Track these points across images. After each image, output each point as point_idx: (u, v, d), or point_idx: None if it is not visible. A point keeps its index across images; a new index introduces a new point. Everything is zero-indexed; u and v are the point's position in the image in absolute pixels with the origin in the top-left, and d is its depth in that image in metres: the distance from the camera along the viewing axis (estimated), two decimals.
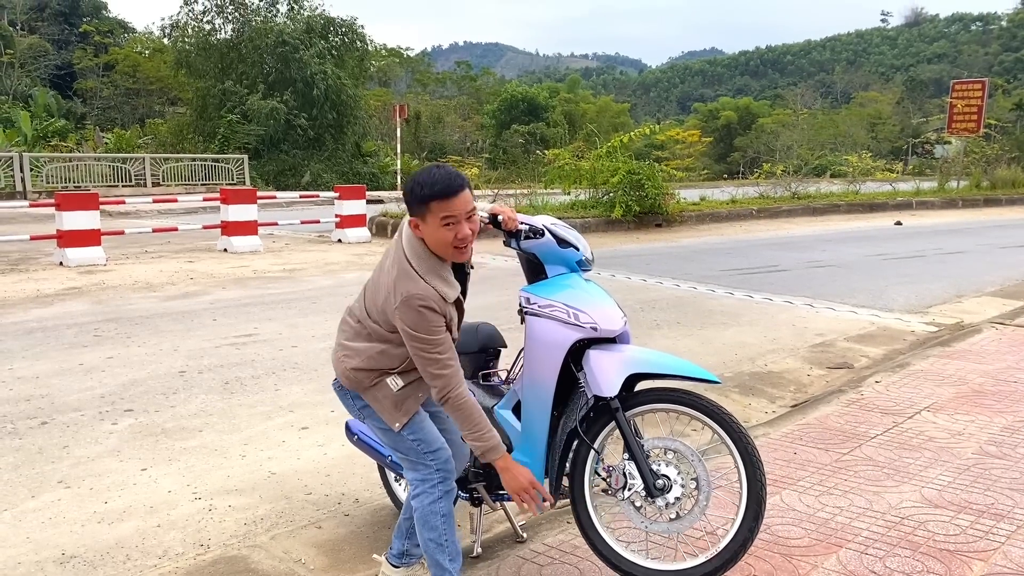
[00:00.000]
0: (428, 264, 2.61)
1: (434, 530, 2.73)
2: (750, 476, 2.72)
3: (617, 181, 16.11)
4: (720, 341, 7.10)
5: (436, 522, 2.73)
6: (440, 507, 2.73)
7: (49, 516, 3.70)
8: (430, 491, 2.73)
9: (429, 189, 2.53)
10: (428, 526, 2.74)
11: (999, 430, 4.64)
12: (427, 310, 2.55)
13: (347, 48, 34.46)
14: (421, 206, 2.56)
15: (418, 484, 2.75)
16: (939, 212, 21.55)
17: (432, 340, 2.56)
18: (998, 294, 9.44)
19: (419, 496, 2.75)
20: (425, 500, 2.73)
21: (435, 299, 2.56)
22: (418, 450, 2.73)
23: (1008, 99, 51.76)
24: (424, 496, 2.74)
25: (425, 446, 2.73)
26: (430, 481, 2.74)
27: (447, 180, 2.54)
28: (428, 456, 2.73)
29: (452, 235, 2.56)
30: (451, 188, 2.53)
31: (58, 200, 11.29)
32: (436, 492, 2.73)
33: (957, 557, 3.18)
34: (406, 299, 2.55)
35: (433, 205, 2.53)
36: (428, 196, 2.53)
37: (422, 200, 2.55)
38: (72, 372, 5.92)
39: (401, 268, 2.60)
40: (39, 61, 44.45)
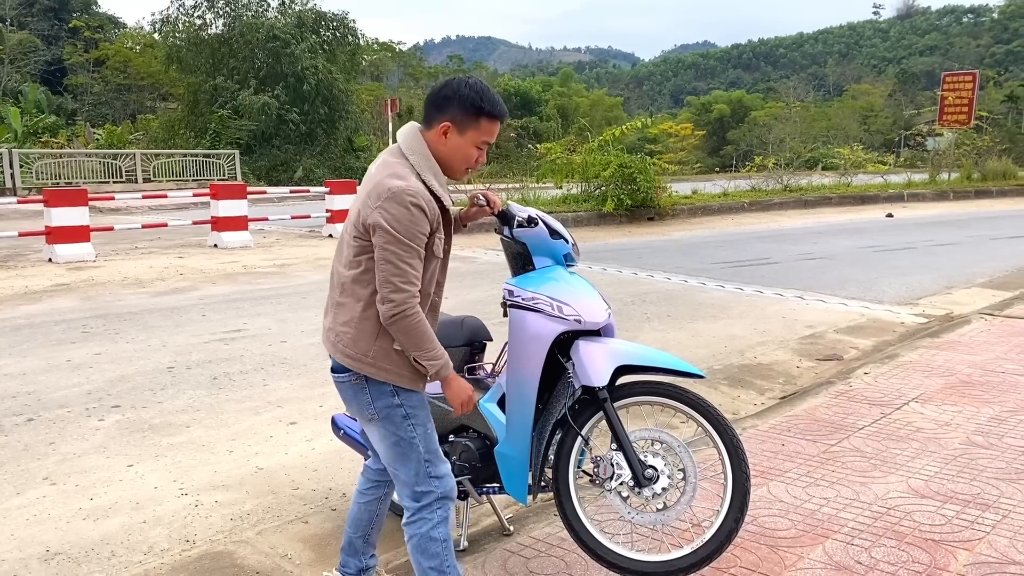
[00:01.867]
0: (429, 165, 2.43)
1: (435, 557, 2.54)
2: (735, 468, 2.72)
3: (609, 175, 16.10)
4: (710, 334, 7.11)
5: (436, 549, 2.54)
6: (439, 532, 2.55)
7: (34, 513, 3.68)
8: (428, 516, 2.54)
9: (490, 106, 2.43)
10: (428, 554, 2.54)
11: (986, 420, 4.65)
12: (415, 207, 2.31)
13: (339, 43, 34.33)
14: (470, 117, 2.42)
15: (416, 510, 2.55)
16: (930, 204, 21.60)
17: (410, 246, 2.32)
18: (988, 285, 9.47)
19: (415, 523, 2.55)
20: (423, 527, 2.54)
21: (427, 198, 2.35)
22: (427, 471, 2.53)
23: (999, 91, 51.82)
24: (421, 523, 2.54)
25: (435, 468, 2.55)
26: (430, 507, 2.54)
27: (500, 103, 2.46)
28: (435, 481, 2.55)
29: (475, 157, 2.49)
30: (505, 114, 2.48)
31: (46, 196, 11.23)
32: (435, 517, 2.54)
33: (942, 547, 3.19)
34: (394, 193, 2.31)
35: (483, 122, 2.44)
36: (486, 112, 2.43)
37: (477, 112, 2.42)
38: (59, 368, 5.89)
39: (392, 167, 2.40)
40: (29, 57, 44.15)
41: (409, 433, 2.53)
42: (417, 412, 2.54)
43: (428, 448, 2.55)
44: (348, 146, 33.47)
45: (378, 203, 2.34)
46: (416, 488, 2.55)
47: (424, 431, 2.56)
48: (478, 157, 2.51)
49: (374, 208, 2.34)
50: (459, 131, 2.44)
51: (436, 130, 2.45)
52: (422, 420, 2.55)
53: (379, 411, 2.52)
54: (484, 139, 2.47)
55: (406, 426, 2.53)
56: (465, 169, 2.52)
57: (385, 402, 2.51)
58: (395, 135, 2.59)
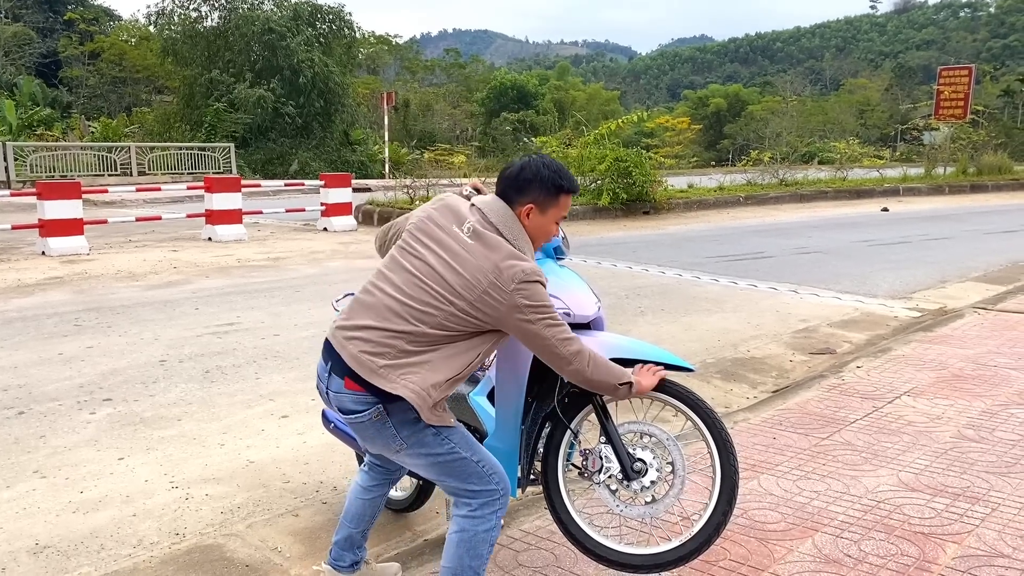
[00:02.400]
0: (529, 248, 2.53)
1: (478, 558, 2.52)
2: (723, 461, 2.71)
3: (604, 169, 16.08)
4: (704, 327, 7.11)
5: (483, 551, 2.52)
6: (493, 535, 2.54)
7: (24, 506, 3.67)
8: (489, 516, 2.51)
9: (568, 183, 2.58)
10: (474, 553, 2.51)
11: (977, 414, 4.66)
12: (541, 284, 2.43)
13: (335, 36, 34.24)
14: (551, 196, 2.55)
15: (478, 507, 2.51)
16: (926, 198, 21.62)
17: (550, 308, 2.44)
18: (982, 279, 9.48)
19: (474, 519, 2.51)
20: (481, 525, 2.51)
21: (543, 276, 2.47)
22: (483, 472, 2.51)
23: (996, 85, 51.91)
24: (481, 521, 2.51)
25: (489, 467, 2.53)
26: (491, 506, 2.51)
27: (572, 178, 2.61)
28: (494, 477, 2.52)
29: (554, 230, 2.63)
30: (578, 187, 2.64)
31: (40, 189, 11.20)
32: (494, 519, 2.53)
33: (931, 540, 3.20)
34: (527, 275, 2.39)
35: (563, 198, 2.58)
36: (565, 188, 2.57)
37: (557, 190, 2.56)
38: (51, 362, 5.88)
39: (506, 250, 2.43)
40: (24, 49, 44.01)
41: (447, 447, 2.49)
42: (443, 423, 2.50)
43: (472, 449, 2.53)
44: (344, 139, 33.41)
45: (514, 286, 2.38)
46: (480, 489, 2.52)
47: (460, 435, 2.53)
48: (556, 230, 2.66)
49: (511, 293, 2.38)
50: (541, 211, 2.56)
51: (520, 211, 2.55)
52: (453, 428, 2.52)
53: (406, 440, 2.47)
54: (562, 214, 2.62)
55: (440, 442, 2.48)
56: (543, 243, 2.66)
57: (410, 429, 2.45)
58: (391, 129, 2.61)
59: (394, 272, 2.51)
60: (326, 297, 7.59)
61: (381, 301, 2.47)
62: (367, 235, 13.67)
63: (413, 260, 2.48)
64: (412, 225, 2.58)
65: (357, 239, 13.20)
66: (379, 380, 2.39)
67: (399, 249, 2.56)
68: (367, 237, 13.33)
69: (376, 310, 2.47)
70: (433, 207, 2.59)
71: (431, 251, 2.47)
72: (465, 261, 2.42)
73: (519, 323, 2.41)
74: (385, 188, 18.53)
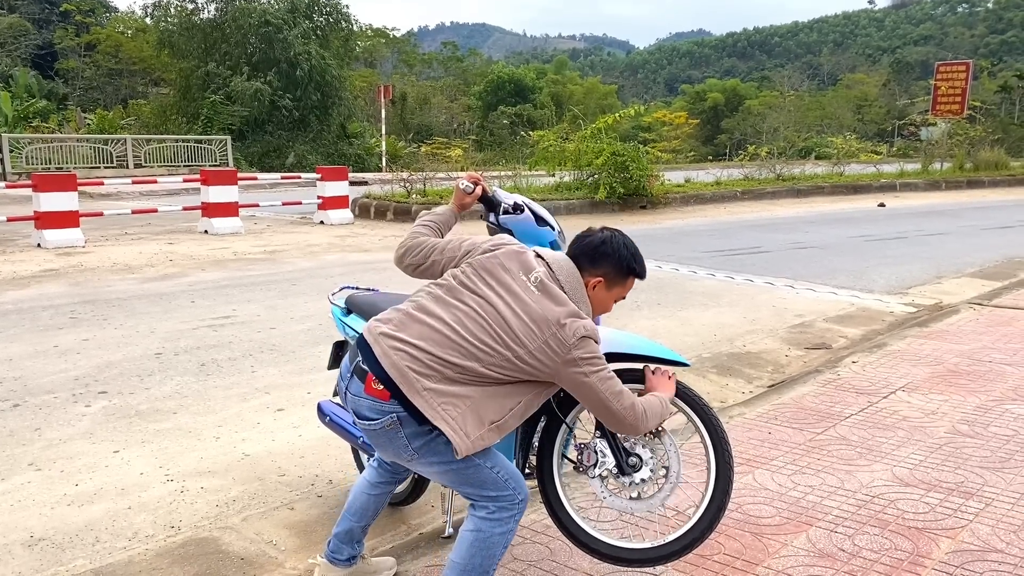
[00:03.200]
0: (589, 313, 2.56)
1: (491, 559, 2.51)
2: (718, 456, 2.72)
3: (602, 163, 16.06)
4: (700, 322, 7.11)
5: (497, 552, 2.51)
6: (508, 538, 2.54)
7: (18, 499, 3.67)
8: (507, 520, 2.51)
9: (641, 268, 2.63)
10: (487, 553, 2.50)
11: (972, 409, 4.67)
12: (596, 343, 2.46)
13: (332, 28, 34.13)
14: (622, 276, 2.61)
15: (496, 510, 2.51)
16: (922, 194, 21.63)
17: (604, 361, 2.47)
18: (977, 275, 9.50)
19: (492, 521, 2.50)
20: (498, 528, 2.50)
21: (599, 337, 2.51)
22: (499, 479, 2.50)
23: (993, 81, 51.87)
24: (498, 524, 2.50)
25: (505, 473, 2.51)
26: (508, 510, 2.51)
27: (645, 265, 2.67)
28: (510, 483, 2.51)
29: (611, 307, 2.67)
30: (646, 274, 2.67)
31: (35, 181, 11.17)
32: (512, 523, 2.52)
33: (925, 535, 3.20)
34: (587, 332, 2.42)
35: (630, 281, 2.64)
36: (635, 272, 2.62)
37: (628, 272, 2.61)
38: (46, 354, 5.87)
39: (571, 307, 2.46)
40: (19, 41, 43.78)
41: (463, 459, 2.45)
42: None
43: (486, 457, 2.49)
44: (341, 132, 33.33)
45: (574, 340, 2.39)
46: (501, 494, 2.51)
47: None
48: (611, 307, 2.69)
49: (571, 347, 2.38)
50: (607, 286, 2.61)
51: (588, 281, 2.58)
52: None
53: (418, 450, 2.45)
54: (623, 294, 2.67)
55: (453, 451, 2.42)
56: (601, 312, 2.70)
57: (423, 440, 2.42)
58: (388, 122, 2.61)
59: (452, 303, 2.47)
60: (322, 290, 7.58)
61: (435, 327, 2.43)
62: (364, 228, 13.65)
63: (475, 298, 2.46)
64: (476, 262, 2.54)
65: (354, 232, 13.18)
66: (420, 402, 2.36)
67: (458, 281, 2.52)
68: (364, 230, 13.31)
69: (429, 334, 2.42)
70: (498, 249, 2.56)
71: (495, 292, 2.45)
72: (530, 309, 2.41)
73: (574, 375, 2.42)
74: (382, 181, 18.48)
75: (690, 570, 2.96)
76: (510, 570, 2.98)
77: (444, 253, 2.67)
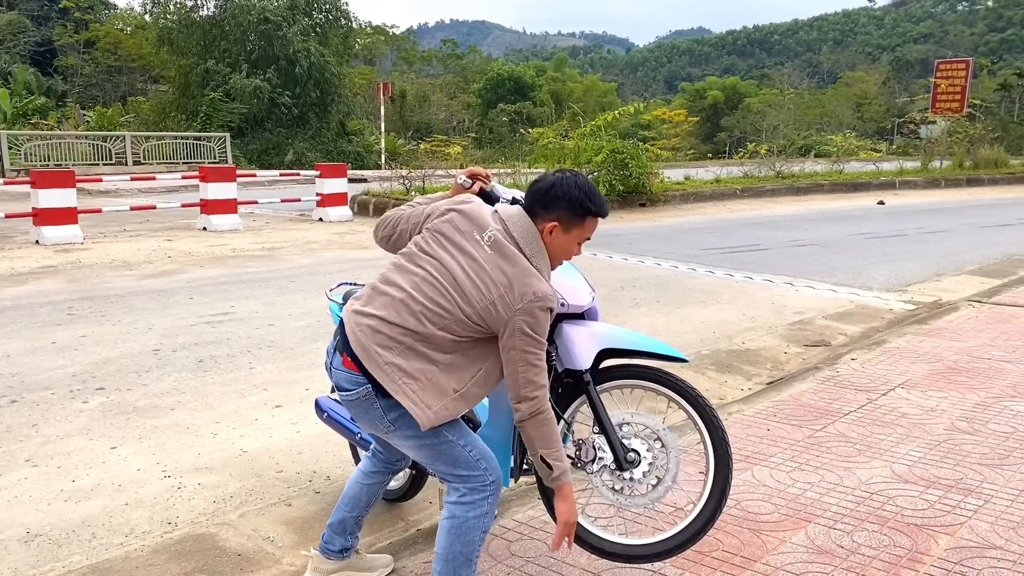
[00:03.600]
0: (547, 265, 2.50)
1: (470, 544, 2.50)
2: (717, 452, 2.71)
3: (601, 160, 16.04)
4: (699, 319, 7.10)
5: (475, 537, 2.50)
6: (485, 523, 2.52)
7: (15, 495, 3.65)
8: (480, 503, 2.49)
9: (596, 206, 2.51)
10: (465, 539, 2.49)
11: (971, 406, 4.67)
12: (547, 312, 2.40)
13: (331, 25, 34.11)
14: (577, 217, 2.50)
15: (467, 492, 2.50)
16: (922, 192, 21.61)
17: (543, 344, 2.40)
18: (977, 273, 9.49)
19: (464, 505, 2.50)
20: (471, 512, 2.49)
21: (553, 302, 2.43)
22: (471, 458, 2.49)
23: (993, 79, 51.84)
24: (471, 507, 2.49)
25: (477, 453, 2.51)
26: (480, 492, 2.50)
27: (605, 203, 2.55)
28: (482, 463, 2.50)
29: (576, 251, 2.57)
30: (607, 212, 2.56)
31: (34, 178, 11.14)
32: (485, 505, 2.50)
33: (924, 531, 3.20)
34: (539, 299, 2.37)
35: (588, 221, 2.52)
36: (592, 211, 2.51)
37: (584, 212, 2.50)
38: (44, 351, 5.86)
39: (522, 265, 2.41)
40: (18, 38, 43.71)
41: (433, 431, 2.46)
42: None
43: (462, 435, 2.50)
44: (340, 130, 33.31)
45: (521, 304, 2.35)
46: (472, 474, 2.50)
47: (450, 424, 2.48)
48: (579, 251, 2.59)
49: (517, 307, 2.35)
50: (565, 230, 2.51)
51: (544, 227, 2.50)
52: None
53: (394, 422, 2.46)
54: (586, 236, 2.56)
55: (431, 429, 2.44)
56: (563, 262, 2.61)
57: (397, 412, 2.44)
58: (387, 119, 2.58)
59: (411, 270, 2.49)
60: (321, 287, 7.57)
61: (394, 296, 2.45)
62: (362, 225, 13.63)
63: (431, 261, 2.47)
64: (433, 226, 2.54)
65: (352, 229, 13.17)
66: (382, 376, 2.39)
67: (418, 247, 2.53)
68: (362, 227, 13.29)
69: (389, 303, 2.45)
70: (456, 210, 2.55)
71: (450, 254, 2.46)
72: (481, 270, 2.41)
73: (507, 340, 2.39)
74: (381, 179, 18.47)
75: (688, 566, 2.95)
76: (508, 566, 2.97)
77: (409, 221, 2.67)
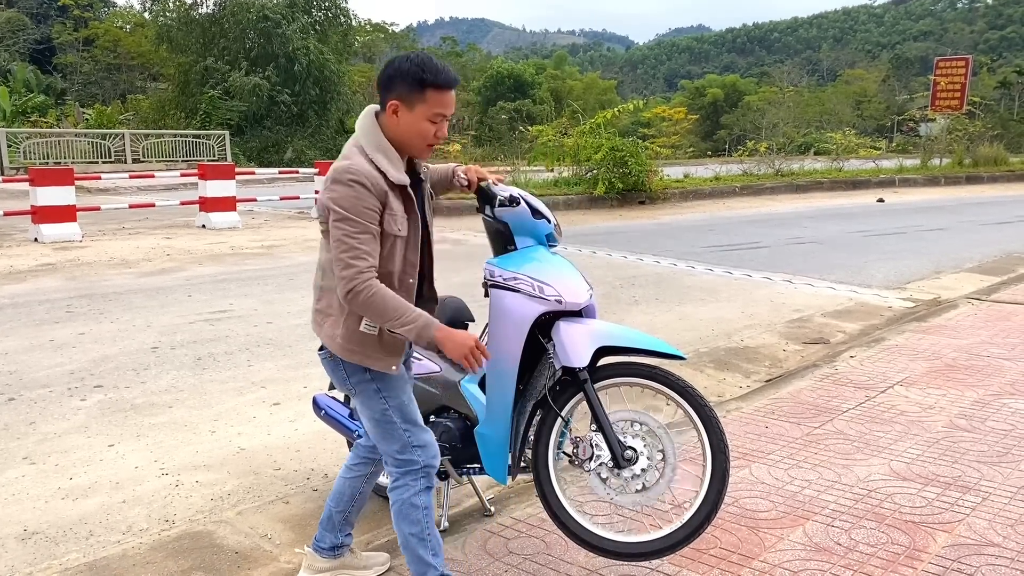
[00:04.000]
0: (377, 143, 2.41)
1: (415, 524, 2.59)
2: (715, 450, 2.70)
3: (600, 158, 16.04)
4: (697, 317, 7.10)
5: (417, 516, 2.59)
6: (421, 500, 2.59)
7: (12, 492, 3.65)
8: (412, 483, 2.59)
9: (432, 75, 2.36)
10: (408, 520, 2.59)
11: (969, 404, 4.66)
12: (357, 184, 2.31)
13: (330, 23, 34.12)
14: (415, 92, 2.37)
15: (399, 476, 2.60)
16: (921, 189, 21.61)
17: (357, 222, 2.31)
18: (976, 270, 9.48)
19: (398, 488, 2.60)
20: (405, 493, 2.59)
21: (369, 174, 2.33)
22: (408, 442, 2.57)
23: (993, 77, 51.79)
24: (404, 489, 2.59)
25: (415, 438, 2.58)
26: (413, 474, 2.59)
27: (446, 71, 2.38)
28: (418, 450, 2.58)
29: (433, 132, 2.43)
30: (453, 81, 2.40)
31: (32, 175, 11.14)
32: (418, 485, 2.59)
33: (922, 528, 3.19)
34: (338, 173, 2.33)
35: (430, 94, 2.37)
36: (429, 83, 2.36)
37: (420, 85, 2.36)
38: (42, 348, 5.85)
39: (344, 152, 2.42)
40: (17, 35, 43.68)
41: (382, 406, 2.57)
42: (390, 386, 2.57)
43: (406, 419, 2.58)
44: (340, 127, 33.27)
45: (327, 185, 2.38)
46: (399, 457, 2.59)
47: (399, 403, 2.58)
48: (436, 131, 2.45)
49: (325, 191, 2.39)
50: (408, 108, 2.41)
51: (388, 110, 2.43)
52: (395, 393, 2.58)
53: (355, 386, 2.58)
54: (435, 111, 2.41)
55: (379, 400, 2.56)
56: (427, 146, 2.48)
57: (359, 378, 2.56)
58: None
59: None
60: None
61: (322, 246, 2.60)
62: None
63: None
64: None
65: None
66: (315, 325, 2.61)
67: None
68: None
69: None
70: None
71: None
72: None
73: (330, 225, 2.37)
74: None
75: (686, 564, 2.95)
76: (505, 563, 2.97)
77: None
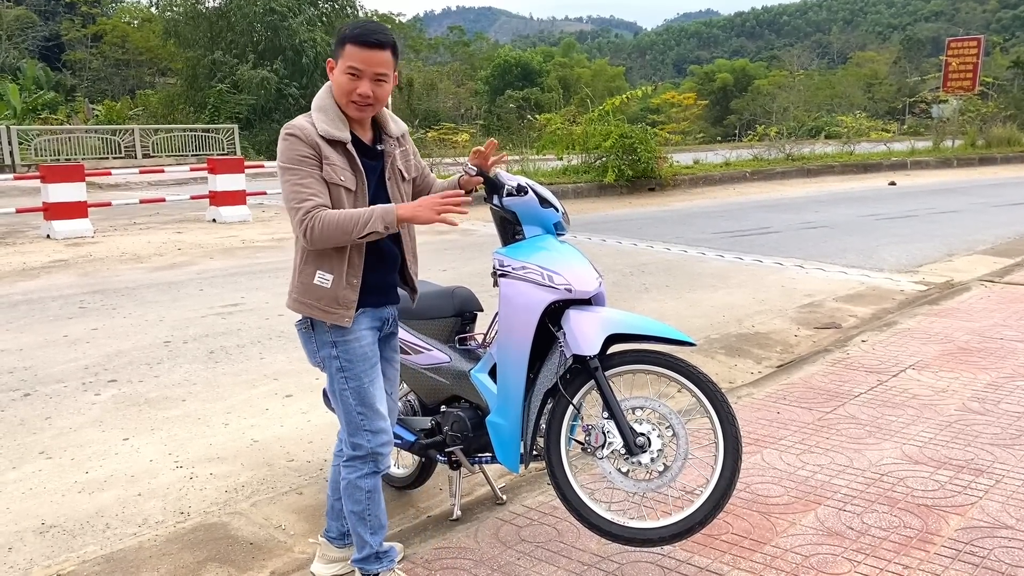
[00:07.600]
0: (319, 104, 2.57)
1: (357, 503, 2.69)
2: (726, 436, 2.70)
3: (609, 145, 15.98)
4: (708, 303, 7.08)
5: (360, 496, 2.69)
6: (366, 483, 2.68)
7: (29, 487, 3.69)
8: (360, 466, 2.67)
9: (349, 31, 2.51)
10: (352, 499, 2.70)
11: (982, 387, 4.64)
12: (289, 136, 2.50)
13: (337, 14, 34.07)
14: (339, 48, 2.53)
15: (349, 457, 2.69)
16: (934, 172, 21.45)
17: (295, 169, 2.48)
18: (989, 252, 9.42)
19: (347, 468, 2.70)
20: (352, 473, 2.68)
21: (303, 128, 2.49)
22: (360, 424, 2.65)
23: (1006, 57, 51.30)
24: (352, 469, 2.68)
25: (368, 423, 2.64)
26: (361, 458, 2.67)
27: (368, 29, 2.50)
28: (367, 435, 2.65)
29: (352, 88, 2.50)
30: (367, 39, 2.47)
31: (43, 172, 11.19)
32: (365, 468, 2.68)
33: (934, 512, 3.19)
34: (282, 130, 2.54)
35: (347, 48, 2.49)
36: (348, 38, 2.49)
37: (340, 40, 2.52)
38: (56, 344, 5.90)
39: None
40: (26, 33, 43.87)
41: (341, 386, 2.64)
42: (353, 366, 2.62)
43: (361, 402, 2.64)
44: None
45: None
46: (351, 439, 2.67)
47: (358, 385, 2.63)
48: (357, 87, 2.50)
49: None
50: (335, 64, 2.55)
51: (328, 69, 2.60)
52: (356, 374, 2.63)
53: (321, 360, 2.66)
54: (350, 64, 2.48)
55: (339, 379, 2.63)
56: (350, 103, 2.53)
57: (326, 352, 2.63)
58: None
59: None
60: None
61: None
62: None
63: None
64: None
65: None
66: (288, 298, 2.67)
67: None
68: None
69: None
70: None
71: None
72: None
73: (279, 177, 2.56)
74: None
75: (698, 549, 2.96)
76: (518, 551, 2.98)
77: None
